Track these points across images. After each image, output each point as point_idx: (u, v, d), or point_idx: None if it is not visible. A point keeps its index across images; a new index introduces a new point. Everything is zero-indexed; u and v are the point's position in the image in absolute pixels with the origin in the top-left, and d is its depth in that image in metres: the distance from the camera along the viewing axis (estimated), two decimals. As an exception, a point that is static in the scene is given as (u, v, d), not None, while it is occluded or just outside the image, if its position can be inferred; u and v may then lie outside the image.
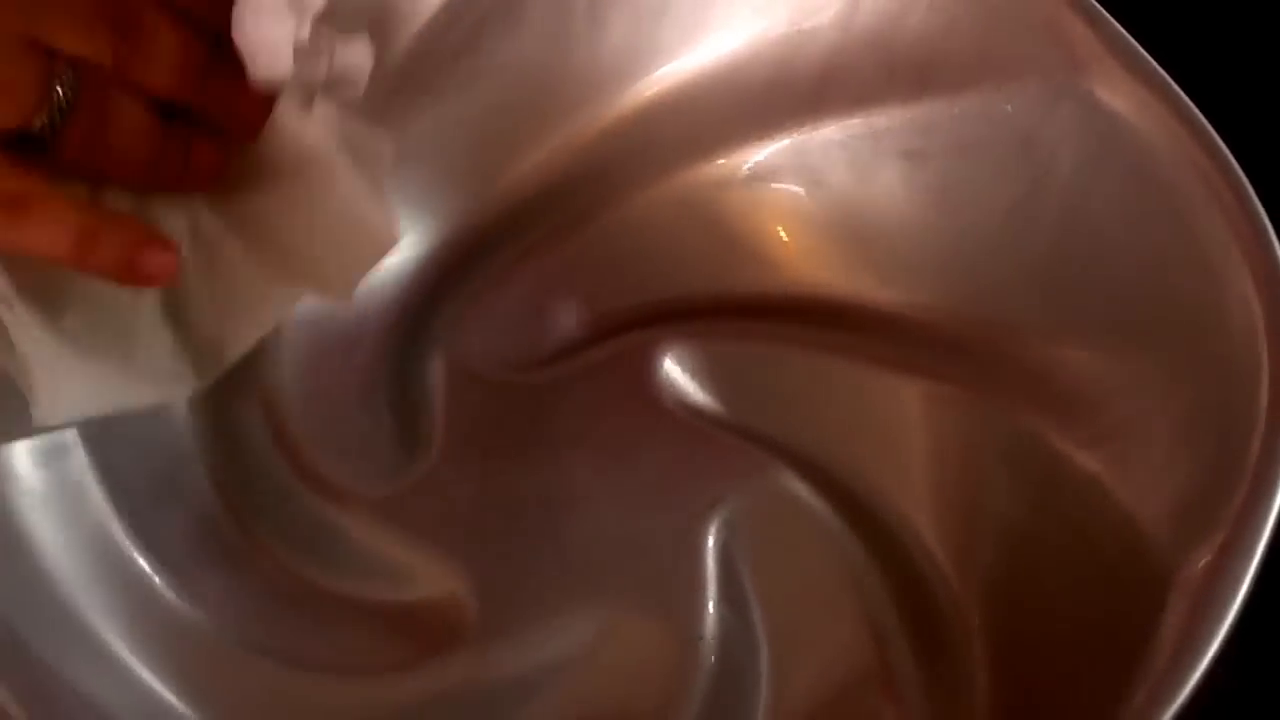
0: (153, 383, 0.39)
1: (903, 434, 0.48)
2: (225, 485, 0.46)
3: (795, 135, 0.50)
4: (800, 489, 0.48)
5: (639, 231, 0.51)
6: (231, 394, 0.45)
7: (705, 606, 0.44)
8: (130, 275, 0.36)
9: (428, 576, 0.45)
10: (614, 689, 0.43)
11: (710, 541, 0.46)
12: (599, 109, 0.50)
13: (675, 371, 0.49)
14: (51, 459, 0.43)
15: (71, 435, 0.43)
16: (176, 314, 0.40)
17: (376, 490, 0.47)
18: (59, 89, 0.34)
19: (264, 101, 0.38)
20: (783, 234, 0.51)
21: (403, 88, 0.48)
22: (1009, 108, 0.47)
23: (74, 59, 0.35)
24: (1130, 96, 0.44)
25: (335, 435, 0.48)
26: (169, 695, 0.42)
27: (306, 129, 0.38)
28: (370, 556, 0.46)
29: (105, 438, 0.44)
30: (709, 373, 0.49)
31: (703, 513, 0.46)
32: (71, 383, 0.37)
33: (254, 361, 0.46)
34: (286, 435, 0.47)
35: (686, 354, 0.50)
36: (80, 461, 0.44)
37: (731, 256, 0.51)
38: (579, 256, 0.51)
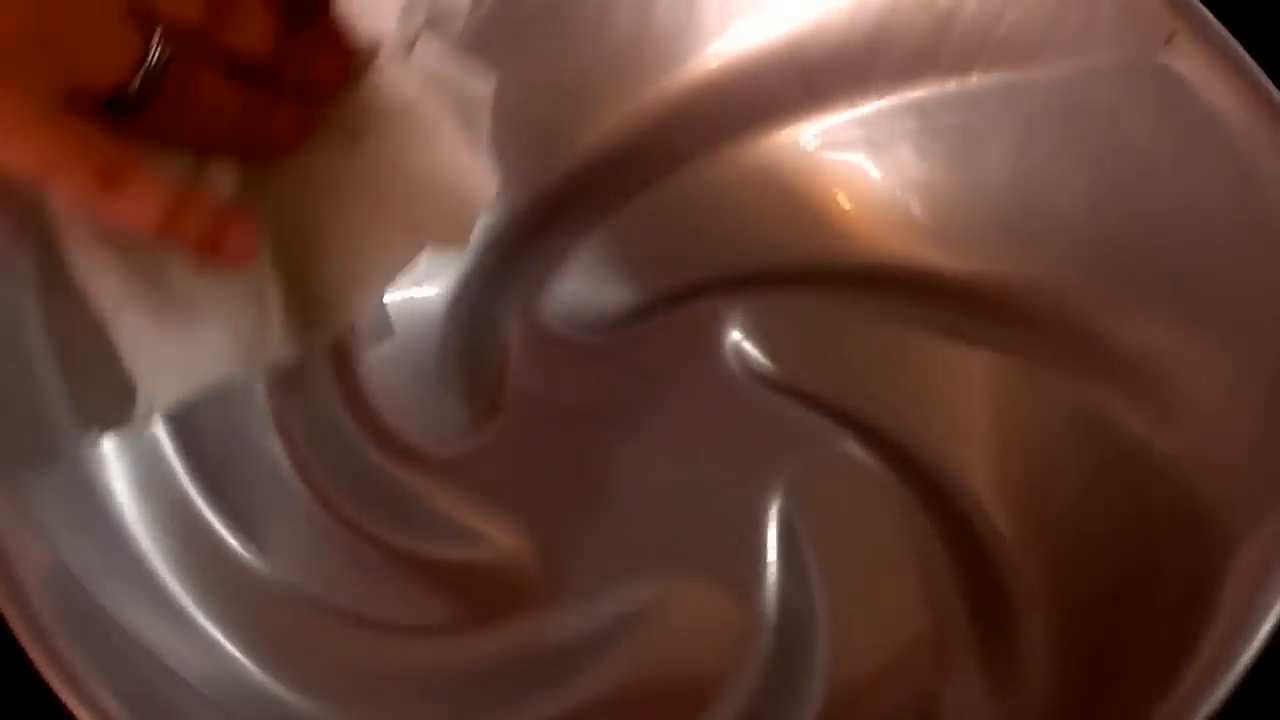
0: (248, 354, 0.40)
1: (967, 404, 0.49)
2: (296, 444, 0.47)
3: (858, 106, 0.50)
4: (864, 457, 0.48)
5: (708, 199, 0.51)
6: (304, 354, 0.46)
7: (766, 572, 0.45)
8: (212, 251, 0.37)
9: (494, 537, 0.46)
10: (675, 652, 0.44)
11: (773, 508, 0.46)
12: (670, 77, 0.51)
13: (742, 339, 0.50)
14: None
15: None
16: (282, 282, 0.40)
17: (445, 450, 0.48)
18: (155, 51, 0.35)
19: (344, 62, 0.38)
20: (847, 204, 0.51)
21: (477, 53, 0.48)
22: (1076, 81, 0.46)
23: (169, 20, 0.35)
24: (1205, 71, 0.43)
25: (406, 395, 0.48)
26: (236, 650, 0.43)
27: (408, 81, 0.38)
28: (438, 516, 0.46)
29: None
30: (775, 341, 0.50)
31: (766, 479, 0.47)
32: (173, 364, 0.38)
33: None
34: (358, 394, 0.48)
35: (753, 322, 0.50)
36: (156, 424, 0.44)
37: (798, 226, 0.51)
38: (650, 223, 0.51)
